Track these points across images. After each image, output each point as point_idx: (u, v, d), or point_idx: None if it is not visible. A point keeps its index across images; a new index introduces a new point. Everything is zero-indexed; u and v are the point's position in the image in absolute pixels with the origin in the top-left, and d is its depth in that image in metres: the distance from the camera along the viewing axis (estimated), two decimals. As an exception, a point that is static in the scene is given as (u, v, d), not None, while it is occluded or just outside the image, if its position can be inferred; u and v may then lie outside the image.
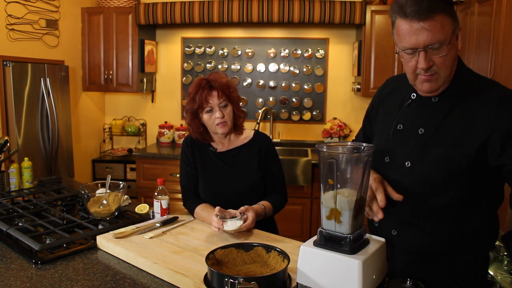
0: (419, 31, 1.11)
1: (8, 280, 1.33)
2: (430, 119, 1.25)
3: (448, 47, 1.13)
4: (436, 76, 1.18)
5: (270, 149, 1.91)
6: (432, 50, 1.13)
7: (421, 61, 1.14)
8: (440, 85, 1.20)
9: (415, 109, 1.29)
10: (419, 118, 1.28)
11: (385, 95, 1.45)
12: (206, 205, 1.84)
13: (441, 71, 1.17)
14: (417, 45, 1.13)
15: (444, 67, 1.16)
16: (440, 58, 1.14)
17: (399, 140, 1.31)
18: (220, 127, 1.79)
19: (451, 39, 1.13)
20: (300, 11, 3.69)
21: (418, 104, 1.29)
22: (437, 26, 1.10)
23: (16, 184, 2.40)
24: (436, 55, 1.14)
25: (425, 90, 1.22)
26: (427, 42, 1.12)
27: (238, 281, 1.10)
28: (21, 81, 3.27)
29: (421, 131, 1.26)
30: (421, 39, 1.12)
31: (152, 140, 4.51)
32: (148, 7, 3.89)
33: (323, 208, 1.11)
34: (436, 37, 1.11)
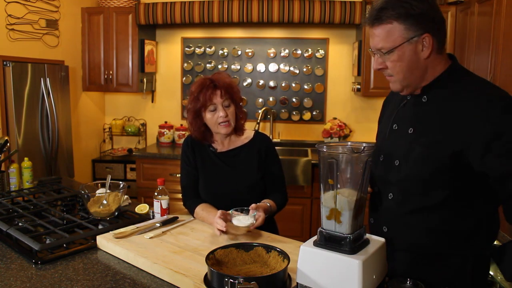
0: (371, 36, 1.24)
1: (8, 280, 1.33)
2: (420, 119, 1.29)
3: (396, 54, 1.20)
4: (393, 78, 1.27)
5: (270, 149, 1.91)
6: (382, 54, 1.23)
7: (373, 61, 1.28)
8: (399, 88, 1.28)
9: (409, 109, 1.34)
10: (410, 118, 1.32)
11: (389, 98, 1.53)
12: (206, 205, 1.84)
13: (394, 75, 1.25)
14: (371, 47, 1.25)
15: (395, 72, 1.24)
16: (389, 63, 1.23)
17: (393, 139, 1.36)
18: (223, 126, 1.79)
19: (400, 47, 1.19)
20: (300, 11, 3.69)
21: (412, 104, 1.33)
22: (383, 32, 1.20)
23: (16, 184, 2.40)
24: (385, 59, 1.24)
25: (391, 88, 1.32)
26: (375, 46, 1.23)
27: (238, 281, 1.10)
28: (21, 81, 3.27)
29: (411, 130, 1.30)
30: (371, 43, 1.25)
31: (152, 140, 4.51)
32: (148, 7, 3.89)
33: (323, 208, 1.11)
34: (380, 44, 1.21)
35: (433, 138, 1.23)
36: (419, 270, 1.30)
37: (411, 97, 1.33)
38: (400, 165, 1.30)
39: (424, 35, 1.18)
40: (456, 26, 3.47)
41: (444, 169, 1.20)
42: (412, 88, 1.28)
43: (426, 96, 1.28)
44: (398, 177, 1.30)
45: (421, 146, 1.24)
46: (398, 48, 1.19)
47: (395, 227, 1.33)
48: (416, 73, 1.24)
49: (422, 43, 1.19)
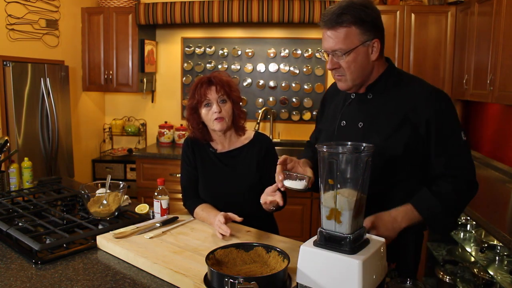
0: (326, 38, 1.33)
1: (8, 280, 1.33)
2: (367, 113, 1.42)
3: (351, 56, 1.31)
4: (344, 78, 1.37)
5: (270, 150, 1.91)
6: (336, 56, 1.33)
7: (327, 62, 1.37)
8: (350, 86, 1.39)
9: (355, 106, 1.46)
10: (358, 113, 1.44)
11: (328, 98, 1.64)
12: (206, 205, 1.84)
13: (347, 74, 1.36)
14: (326, 49, 1.35)
15: (349, 71, 1.35)
16: (344, 63, 1.33)
17: (342, 134, 1.45)
18: (217, 122, 1.79)
19: (356, 49, 1.31)
20: (300, 11, 3.69)
21: (357, 101, 1.45)
22: (340, 36, 1.30)
23: (16, 184, 2.39)
24: (340, 60, 1.34)
25: (340, 87, 1.42)
26: (330, 47, 1.33)
27: (238, 281, 1.10)
28: (21, 81, 3.27)
29: (361, 124, 1.42)
30: (327, 45, 1.34)
31: (152, 140, 4.51)
32: (148, 7, 3.89)
33: (323, 208, 1.11)
34: (338, 45, 1.31)
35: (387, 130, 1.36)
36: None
37: (355, 95, 1.45)
38: None
39: (374, 40, 1.33)
40: (456, 26, 3.47)
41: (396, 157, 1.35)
42: (359, 86, 1.41)
43: (371, 93, 1.42)
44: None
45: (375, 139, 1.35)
46: (355, 50, 1.31)
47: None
48: (365, 73, 1.38)
49: (372, 46, 1.34)
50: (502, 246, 2.15)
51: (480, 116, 3.53)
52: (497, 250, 2.20)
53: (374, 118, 1.40)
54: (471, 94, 3.11)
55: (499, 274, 2.09)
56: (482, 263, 2.21)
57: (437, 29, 3.51)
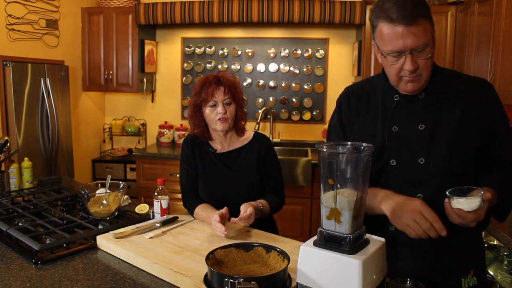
0: (405, 35, 1.18)
1: (8, 280, 1.33)
2: (426, 114, 1.30)
3: (430, 51, 1.21)
4: (419, 77, 1.25)
5: (269, 150, 1.91)
6: (417, 53, 1.20)
7: (408, 63, 1.21)
8: (422, 85, 1.28)
9: (405, 109, 1.33)
10: (413, 115, 1.31)
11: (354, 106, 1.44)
12: (206, 205, 1.84)
13: (423, 72, 1.24)
14: (404, 48, 1.19)
15: (426, 68, 1.24)
16: (424, 60, 1.22)
17: (398, 141, 1.31)
18: (220, 122, 1.79)
19: (433, 42, 1.22)
20: (300, 11, 3.69)
21: (406, 103, 1.33)
22: (421, 30, 1.17)
23: (16, 184, 2.39)
24: (420, 57, 1.21)
25: (409, 90, 1.28)
26: (413, 45, 1.18)
27: (238, 281, 1.10)
28: (21, 81, 3.27)
29: (422, 127, 1.29)
30: (408, 43, 1.18)
31: (152, 140, 4.51)
32: (148, 7, 3.89)
33: (323, 208, 1.11)
34: (421, 40, 1.18)
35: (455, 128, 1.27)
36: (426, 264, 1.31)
37: (400, 97, 1.33)
38: (427, 162, 1.28)
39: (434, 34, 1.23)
40: (456, 26, 3.47)
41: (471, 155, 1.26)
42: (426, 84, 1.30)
43: (423, 92, 1.31)
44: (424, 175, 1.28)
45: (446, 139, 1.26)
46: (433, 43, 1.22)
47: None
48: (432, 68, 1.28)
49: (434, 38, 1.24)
50: (502, 246, 2.15)
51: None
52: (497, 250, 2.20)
53: (436, 118, 1.29)
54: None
55: (499, 274, 2.09)
56: (482, 263, 2.21)
57: (437, 29, 3.48)
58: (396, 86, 1.31)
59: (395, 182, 1.31)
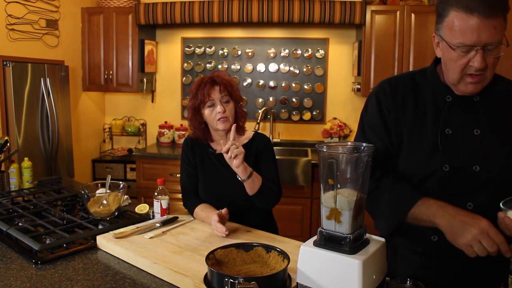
0: (482, 28, 1.06)
1: (8, 280, 1.33)
2: (480, 118, 1.21)
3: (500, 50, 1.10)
4: (483, 77, 1.15)
5: (266, 149, 1.89)
6: (488, 50, 1.10)
7: (478, 59, 1.09)
8: (483, 87, 1.18)
9: (459, 111, 1.23)
10: (469, 119, 1.22)
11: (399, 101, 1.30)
12: (206, 205, 1.84)
13: (488, 72, 1.14)
14: (478, 42, 1.08)
15: (492, 68, 1.14)
16: (493, 59, 1.12)
17: (451, 145, 1.22)
18: (221, 122, 1.78)
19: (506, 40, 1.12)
20: (300, 11, 3.69)
21: (460, 105, 1.23)
22: (499, 25, 1.07)
23: (16, 184, 2.40)
24: (491, 55, 1.11)
25: (470, 91, 1.18)
26: (488, 40, 1.07)
27: (238, 281, 1.10)
28: (21, 81, 3.27)
29: (477, 132, 1.20)
30: (483, 37, 1.07)
31: (152, 140, 4.51)
32: (148, 7, 3.89)
33: (323, 208, 1.11)
34: (497, 36, 1.08)
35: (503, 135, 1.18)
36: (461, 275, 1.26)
37: (453, 98, 1.23)
38: (482, 170, 1.19)
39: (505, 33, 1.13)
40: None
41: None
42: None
43: (477, 95, 1.21)
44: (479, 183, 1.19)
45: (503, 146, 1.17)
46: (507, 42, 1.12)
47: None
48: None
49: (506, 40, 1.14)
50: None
51: None
52: (497, 250, 2.20)
53: (492, 123, 1.19)
54: (471, 94, 3.11)
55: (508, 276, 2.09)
56: (482, 263, 2.21)
57: (437, 29, 3.51)
58: (454, 85, 1.20)
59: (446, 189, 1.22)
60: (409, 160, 1.28)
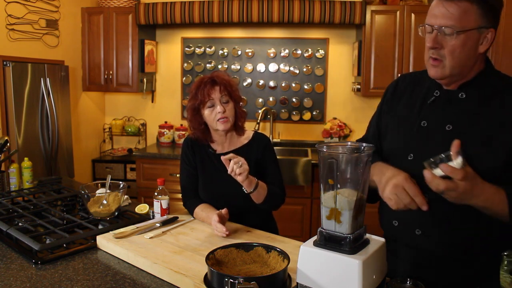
0: (440, 11, 1.15)
1: (8, 280, 1.33)
2: (459, 115, 1.23)
3: (461, 37, 1.14)
4: (442, 63, 1.19)
5: (267, 149, 1.90)
6: (443, 33, 1.15)
7: (429, 37, 1.18)
8: (446, 74, 1.21)
9: (440, 106, 1.27)
10: (445, 114, 1.25)
11: (400, 92, 1.40)
12: (206, 205, 1.84)
13: (447, 59, 1.18)
14: (434, 22, 1.17)
15: (451, 56, 1.17)
16: (449, 45, 1.16)
17: (423, 137, 1.27)
18: (221, 122, 1.78)
19: (470, 32, 1.14)
20: (300, 11, 3.69)
21: (444, 100, 1.27)
22: (459, 11, 1.12)
23: (16, 184, 2.39)
24: (445, 39, 1.16)
25: (431, 74, 1.24)
26: (442, 22, 1.15)
27: (238, 281, 1.10)
28: (21, 81, 3.27)
29: (449, 127, 1.23)
30: (438, 18, 1.16)
31: (152, 140, 4.51)
32: (148, 7, 3.89)
33: (323, 208, 1.11)
34: (451, 21, 1.13)
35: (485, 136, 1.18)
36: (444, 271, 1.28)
37: (440, 93, 1.27)
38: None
39: (490, 29, 1.16)
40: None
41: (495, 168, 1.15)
42: (453, 79, 1.23)
43: (464, 92, 1.23)
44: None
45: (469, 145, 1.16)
46: (468, 32, 1.14)
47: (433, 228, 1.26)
48: (467, 64, 1.20)
49: (486, 36, 1.17)
50: (502, 246, 2.14)
51: None
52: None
53: (467, 121, 1.20)
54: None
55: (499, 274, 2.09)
56: (482, 263, 2.21)
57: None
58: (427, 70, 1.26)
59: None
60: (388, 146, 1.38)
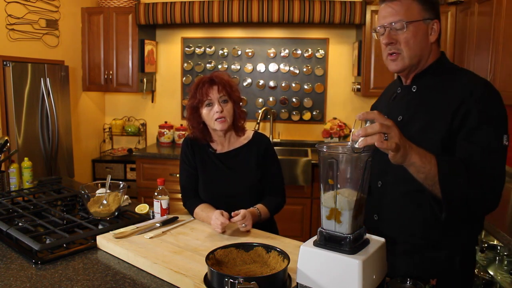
0: (387, 11, 1.30)
1: (8, 280, 1.33)
2: (409, 107, 1.35)
3: (411, 29, 1.28)
4: (401, 56, 1.31)
5: (269, 150, 1.90)
6: (395, 30, 1.29)
7: (384, 36, 1.31)
8: (406, 65, 1.32)
9: (399, 101, 1.41)
10: (400, 107, 1.38)
11: (380, 98, 1.60)
12: (206, 206, 1.84)
13: (404, 50, 1.30)
14: (384, 23, 1.31)
15: (406, 47, 1.29)
16: (403, 38, 1.29)
17: None
18: (218, 122, 1.78)
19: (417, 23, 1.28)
20: (300, 11, 3.69)
21: (401, 96, 1.40)
22: (402, 7, 1.27)
23: (16, 184, 2.40)
24: (398, 33, 1.29)
25: (391, 69, 1.35)
26: (391, 19, 1.29)
27: (238, 281, 1.10)
28: (21, 81, 3.27)
29: (400, 118, 1.35)
30: (388, 17, 1.30)
31: (152, 140, 4.51)
32: (148, 7, 3.89)
33: (323, 208, 1.11)
34: (399, 16, 1.27)
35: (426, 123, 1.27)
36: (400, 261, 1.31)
37: (401, 89, 1.41)
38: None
39: (435, 20, 1.31)
40: (456, 26, 3.47)
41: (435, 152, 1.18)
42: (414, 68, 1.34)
43: (416, 85, 1.36)
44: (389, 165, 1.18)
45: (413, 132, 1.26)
46: (415, 23, 1.28)
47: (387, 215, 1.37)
48: (423, 53, 1.32)
49: (432, 27, 1.31)
50: (502, 246, 2.15)
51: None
52: (497, 250, 2.20)
53: (415, 111, 1.32)
54: (471, 94, 3.11)
55: (499, 274, 2.09)
56: (482, 263, 2.21)
57: (437, 29, 3.51)
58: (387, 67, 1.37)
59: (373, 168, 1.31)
60: None
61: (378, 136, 1.02)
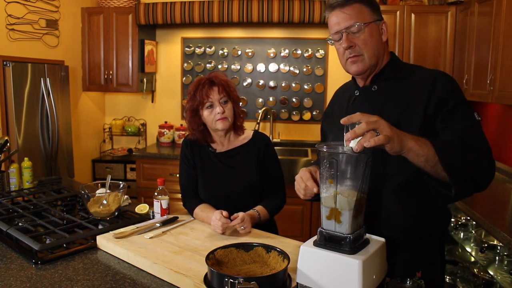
0: (340, 17, 1.33)
1: (8, 280, 1.33)
2: (373, 106, 1.36)
3: (367, 31, 1.31)
4: (361, 57, 1.34)
5: (269, 149, 1.91)
6: (352, 33, 1.32)
7: (343, 41, 1.33)
8: (367, 65, 1.34)
9: (360, 102, 1.42)
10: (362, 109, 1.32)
11: (333, 104, 1.62)
12: (205, 206, 1.84)
13: (364, 52, 1.33)
14: (340, 28, 1.33)
15: (366, 48, 1.32)
16: (361, 40, 1.32)
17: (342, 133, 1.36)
18: (220, 122, 1.78)
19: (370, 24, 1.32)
20: (300, 11, 3.69)
21: (361, 97, 1.41)
22: (355, 11, 1.31)
23: (16, 184, 2.40)
24: (356, 36, 1.32)
25: (354, 71, 1.37)
26: (347, 24, 1.32)
27: (238, 281, 1.10)
28: (21, 81, 3.27)
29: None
30: (342, 23, 1.32)
31: (152, 140, 4.51)
32: (148, 7, 3.89)
33: (323, 208, 1.11)
34: (353, 19, 1.31)
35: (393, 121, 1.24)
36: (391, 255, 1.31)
37: (359, 91, 1.42)
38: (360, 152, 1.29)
39: (383, 21, 1.36)
40: (456, 26, 3.47)
41: None
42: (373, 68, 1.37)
43: (376, 85, 1.38)
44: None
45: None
46: (369, 25, 1.32)
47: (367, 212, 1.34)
48: (380, 53, 1.35)
49: (382, 28, 1.36)
50: (502, 246, 2.15)
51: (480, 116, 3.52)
52: (497, 250, 2.20)
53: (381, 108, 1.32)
54: (471, 94, 3.11)
55: (499, 274, 2.09)
56: (482, 263, 2.21)
57: (437, 29, 3.51)
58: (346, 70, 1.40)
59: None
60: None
61: (369, 134, 1.03)
